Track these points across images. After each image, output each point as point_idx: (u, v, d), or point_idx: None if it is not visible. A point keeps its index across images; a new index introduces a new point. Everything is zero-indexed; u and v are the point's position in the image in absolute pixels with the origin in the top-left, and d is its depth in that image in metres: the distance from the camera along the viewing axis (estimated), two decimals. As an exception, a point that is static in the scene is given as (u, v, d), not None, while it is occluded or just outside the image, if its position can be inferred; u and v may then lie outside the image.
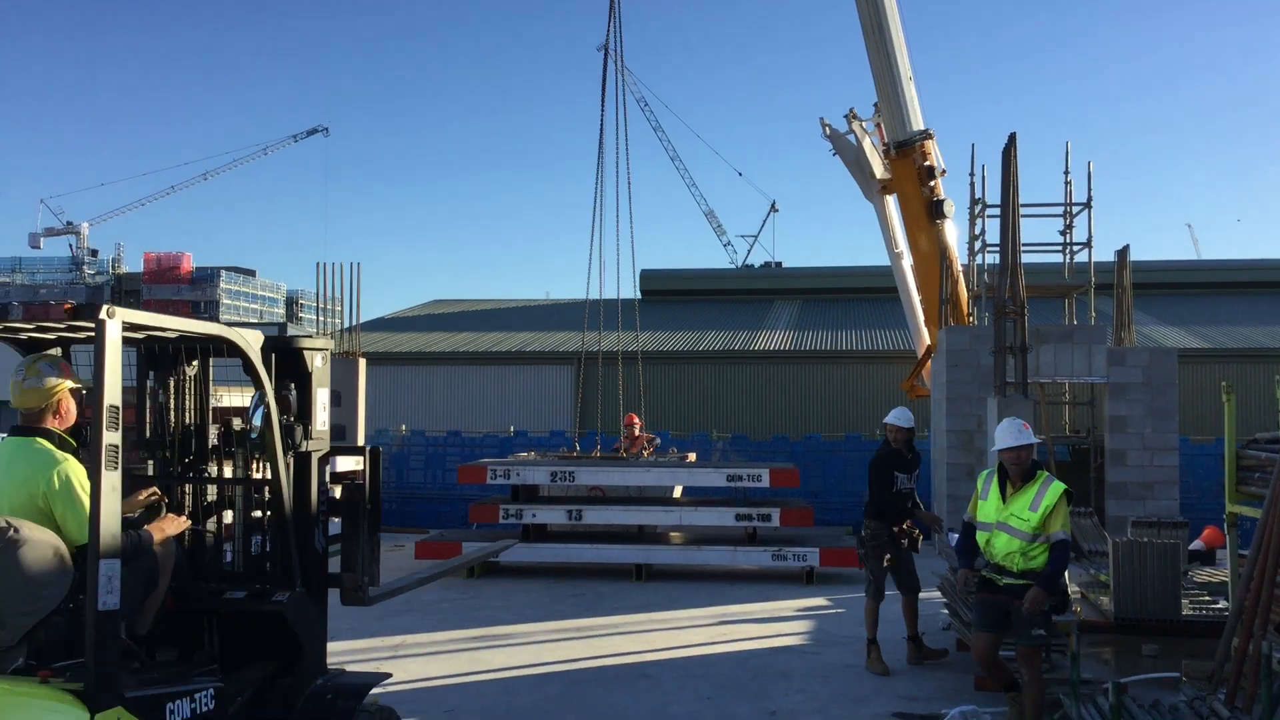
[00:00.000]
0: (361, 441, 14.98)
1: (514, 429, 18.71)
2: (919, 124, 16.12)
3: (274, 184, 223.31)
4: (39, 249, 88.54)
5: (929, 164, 16.11)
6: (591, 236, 14.03)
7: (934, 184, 16.21)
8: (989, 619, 6.18)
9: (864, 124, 17.34)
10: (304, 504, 4.79)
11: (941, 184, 16.33)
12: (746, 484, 12.17)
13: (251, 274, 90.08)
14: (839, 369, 23.46)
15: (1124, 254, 14.54)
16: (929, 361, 16.55)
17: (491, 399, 24.03)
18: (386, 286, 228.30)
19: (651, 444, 14.76)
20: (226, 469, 4.99)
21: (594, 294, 14.21)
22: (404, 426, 18.88)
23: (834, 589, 11.37)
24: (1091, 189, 15.02)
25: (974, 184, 15.41)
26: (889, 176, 16.94)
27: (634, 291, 16.69)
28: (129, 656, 3.98)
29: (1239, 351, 22.17)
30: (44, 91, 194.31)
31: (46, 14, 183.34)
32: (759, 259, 68.43)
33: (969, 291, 15.79)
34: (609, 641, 8.95)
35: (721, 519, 12.32)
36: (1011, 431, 6.21)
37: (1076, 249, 15.33)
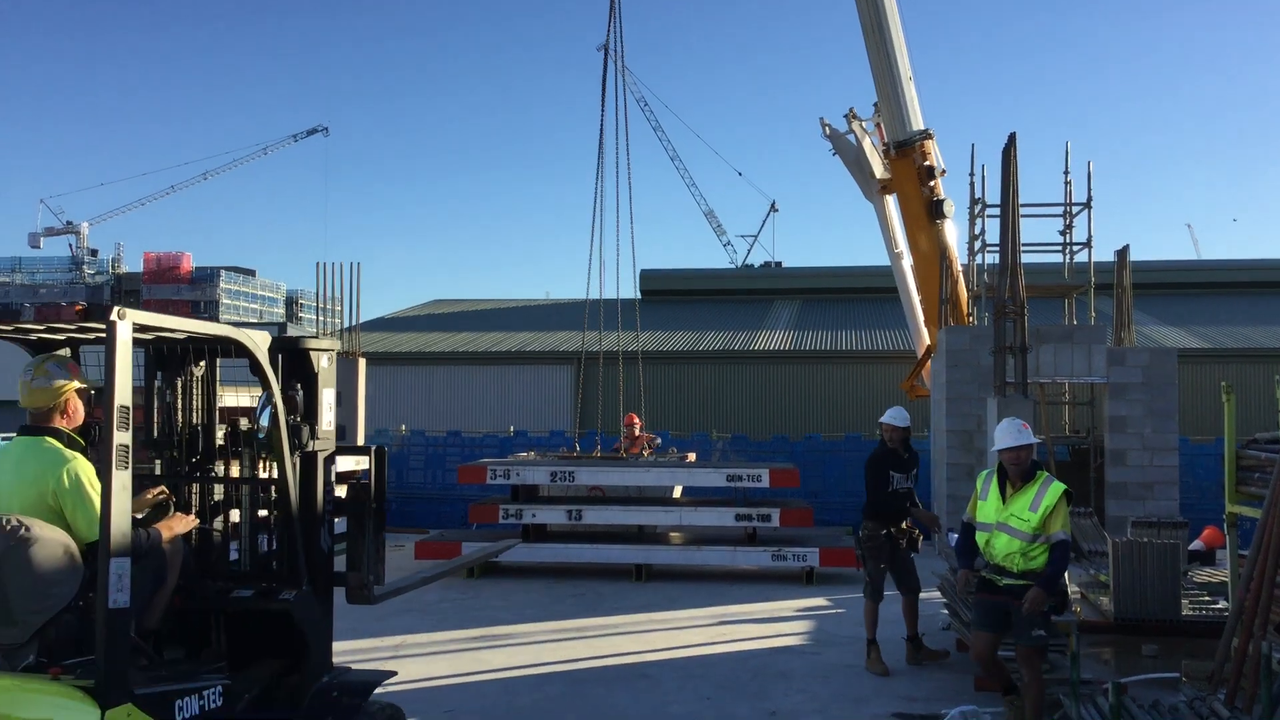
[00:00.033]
0: (361, 441, 14.98)
1: (514, 429, 18.71)
2: (919, 124, 16.12)
3: (274, 184, 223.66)
4: (39, 249, 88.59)
5: (929, 164, 16.11)
6: (591, 237, 14.05)
7: (934, 184, 16.20)
8: (989, 619, 6.18)
9: (864, 124, 17.33)
10: (310, 503, 4.83)
11: (941, 184, 16.32)
12: (746, 484, 12.17)
13: (251, 274, 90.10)
14: (839, 369, 23.45)
15: (1124, 254, 14.54)
16: (929, 361, 16.54)
17: (491, 399, 24.03)
18: (386, 286, 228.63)
19: (652, 444, 14.76)
20: (233, 469, 5.02)
21: (594, 294, 14.23)
22: (404, 426, 18.88)
23: (834, 589, 11.37)
24: (1091, 189, 15.04)
25: (974, 184, 15.42)
26: (889, 176, 16.93)
27: (634, 291, 16.71)
28: (137, 654, 4.01)
29: (1239, 352, 22.18)
30: (44, 91, 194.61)
31: (46, 14, 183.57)
32: (759, 259, 68.49)
33: (969, 291, 15.79)
34: (609, 641, 8.95)
35: (721, 519, 12.32)
36: (1011, 432, 6.21)
37: (1076, 249, 15.33)
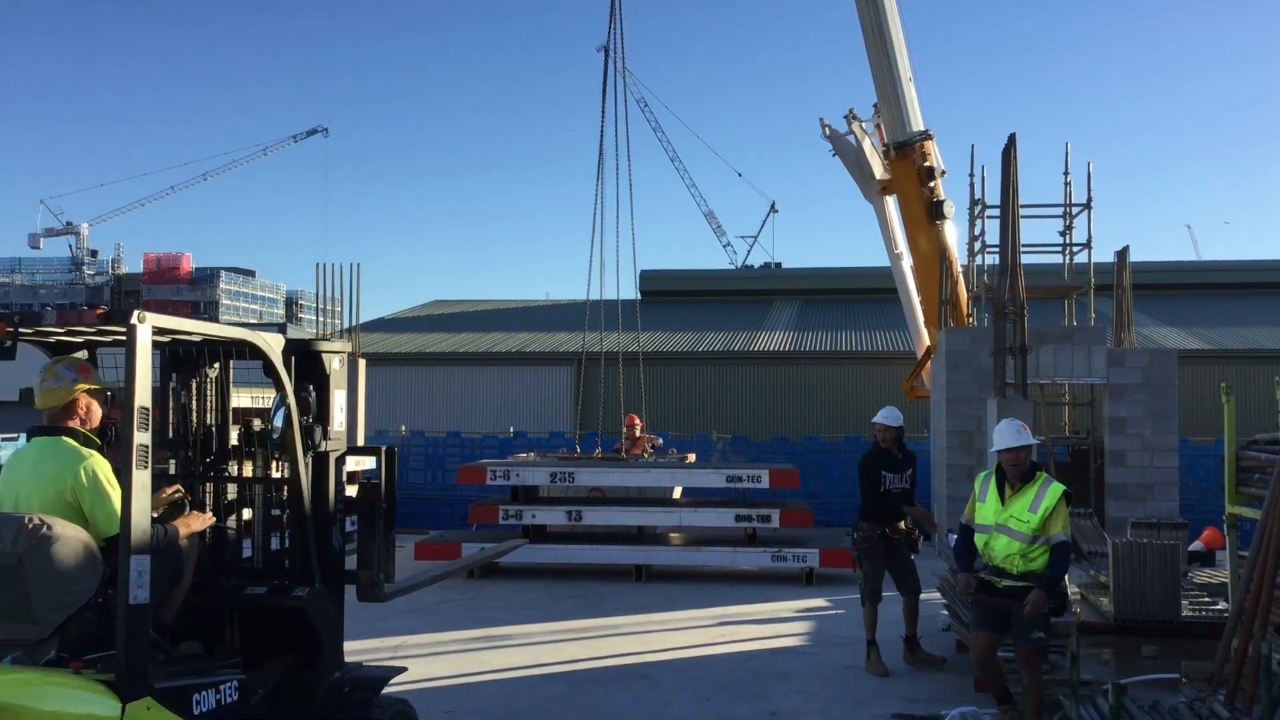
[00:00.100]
0: (361, 442, 14.98)
1: (514, 430, 18.71)
2: (919, 125, 16.12)
3: (274, 184, 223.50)
4: (39, 249, 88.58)
5: (929, 165, 16.11)
6: (592, 237, 14.06)
7: (934, 185, 16.21)
8: (988, 620, 6.16)
9: (864, 125, 17.34)
10: (322, 502, 4.92)
11: (941, 185, 16.33)
12: (746, 485, 12.17)
13: (251, 274, 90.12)
14: (839, 370, 23.46)
15: (1124, 255, 14.55)
16: (929, 362, 16.55)
17: (491, 399, 24.04)
18: (386, 286, 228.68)
19: (653, 445, 14.76)
20: (246, 468, 5.11)
21: (594, 294, 14.23)
22: (404, 427, 18.88)
23: (834, 590, 11.37)
24: (1091, 190, 15.05)
25: (974, 185, 15.42)
26: (889, 177, 16.94)
27: (634, 292, 16.72)
28: (154, 649, 4.07)
29: (1239, 352, 22.19)
30: (44, 91, 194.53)
31: (46, 14, 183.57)
32: (759, 259, 68.54)
33: (969, 292, 15.79)
34: (609, 642, 8.95)
35: (721, 520, 12.32)
36: (1010, 432, 6.20)
37: (1076, 250, 15.33)
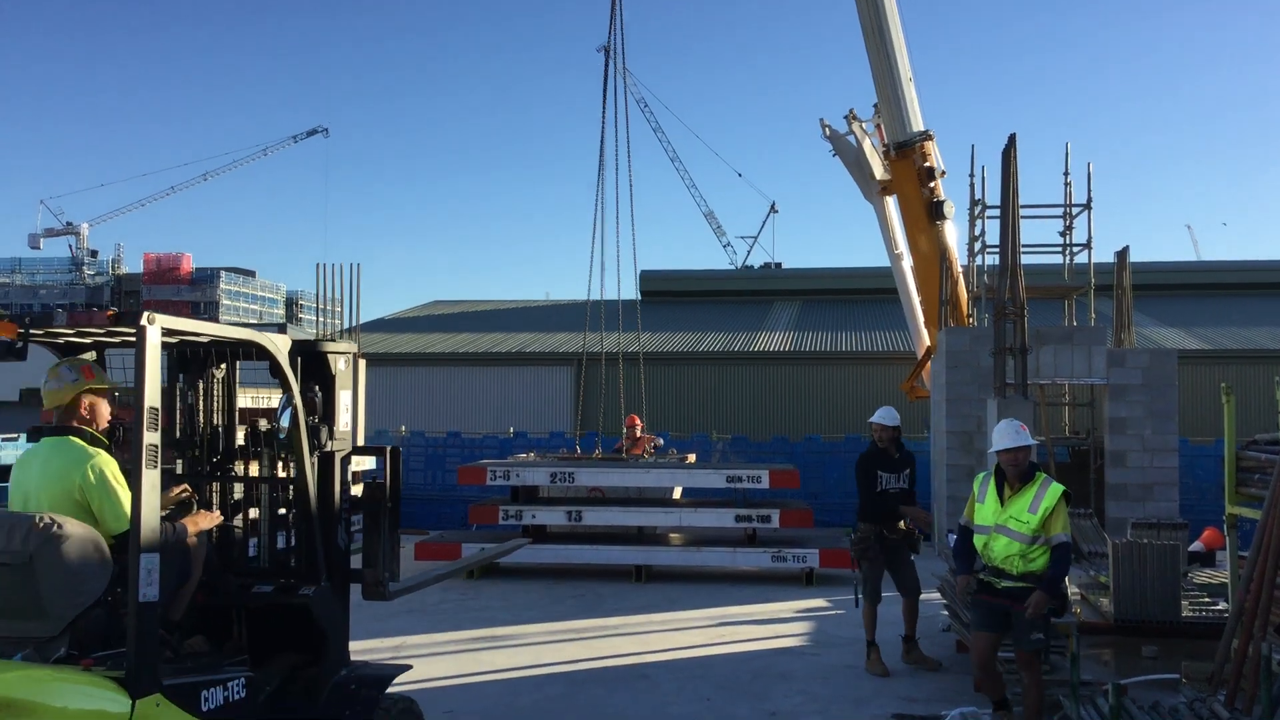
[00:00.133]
0: (361, 442, 14.96)
1: (513, 430, 18.71)
2: (919, 125, 16.12)
3: (274, 184, 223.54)
4: (39, 250, 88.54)
5: (929, 165, 16.11)
6: (593, 238, 14.07)
7: (934, 185, 16.21)
8: (989, 620, 6.14)
9: (864, 125, 17.33)
10: (328, 502, 4.96)
11: (941, 185, 16.33)
12: (746, 485, 12.17)
13: (251, 274, 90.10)
14: (838, 370, 23.46)
15: (1124, 255, 14.54)
16: (929, 363, 16.55)
17: (491, 400, 24.03)
18: (386, 287, 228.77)
19: (654, 446, 14.76)
20: (252, 468, 5.16)
21: (594, 295, 14.23)
22: (403, 427, 18.88)
23: (834, 590, 11.37)
24: (1091, 190, 15.04)
25: (974, 185, 15.40)
26: (889, 177, 16.93)
27: (634, 292, 16.71)
28: (163, 646, 4.11)
29: (1239, 353, 22.19)
30: (44, 91, 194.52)
31: (46, 14, 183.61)
32: (758, 260, 68.50)
33: (969, 293, 15.78)
34: (609, 642, 8.95)
35: (721, 520, 12.32)
36: (1009, 433, 6.18)
37: (1076, 250, 15.32)
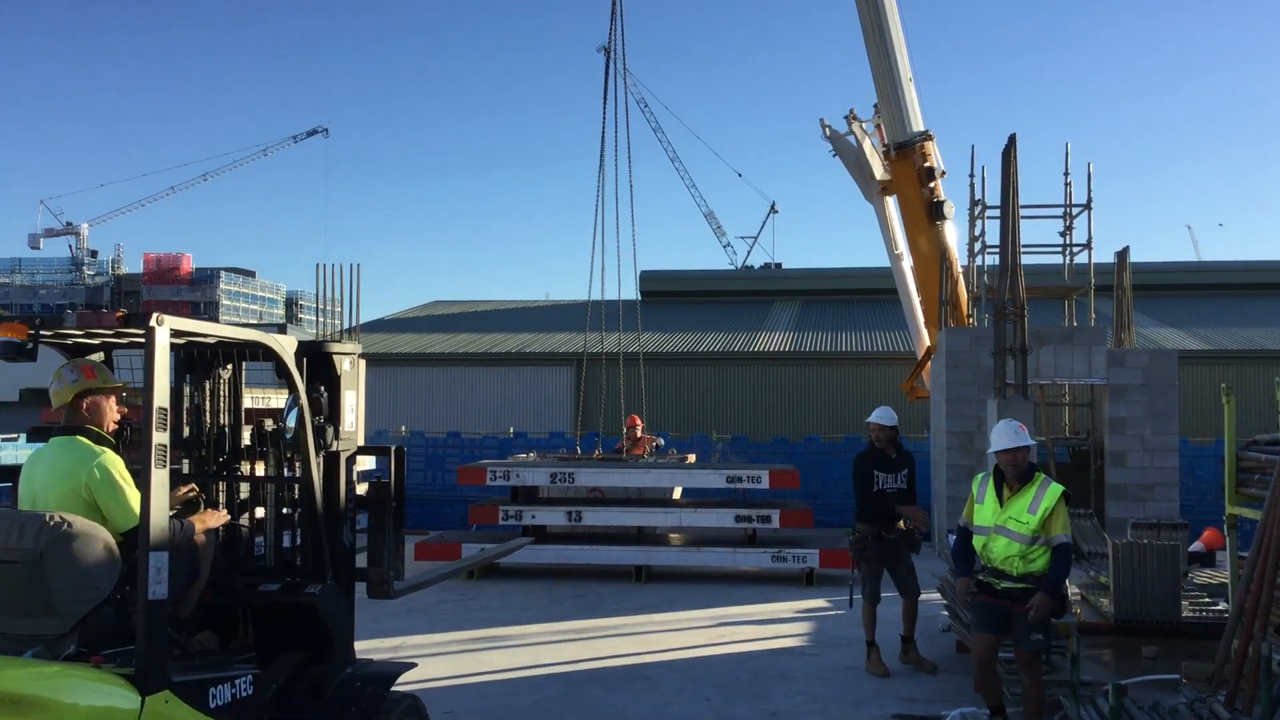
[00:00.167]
0: (361, 443, 14.95)
1: (514, 430, 18.71)
2: (919, 125, 16.12)
3: (274, 184, 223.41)
4: (39, 250, 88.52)
5: (929, 165, 16.11)
6: (594, 238, 14.05)
7: (934, 185, 16.21)
8: (989, 621, 6.11)
9: (864, 125, 17.33)
10: (334, 501, 5.01)
11: (941, 185, 16.33)
12: (746, 485, 12.16)
13: (251, 275, 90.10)
14: (838, 370, 23.46)
15: (1124, 255, 14.54)
16: (929, 363, 16.55)
17: (491, 400, 24.04)
18: (386, 287, 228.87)
19: (654, 446, 14.75)
20: (258, 468, 5.21)
21: (595, 295, 14.23)
22: (403, 428, 18.89)
23: (834, 590, 11.35)
24: (1091, 190, 15.05)
25: (974, 185, 15.41)
26: (889, 178, 16.94)
27: (634, 293, 16.71)
28: (171, 643, 4.15)
29: (1239, 353, 22.19)
30: (44, 91, 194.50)
31: (46, 14, 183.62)
32: (758, 260, 68.50)
33: (969, 293, 15.78)
34: (609, 643, 8.94)
35: (721, 520, 12.31)
36: (1008, 433, 6.16)
37: (1076, 250, 15.33)
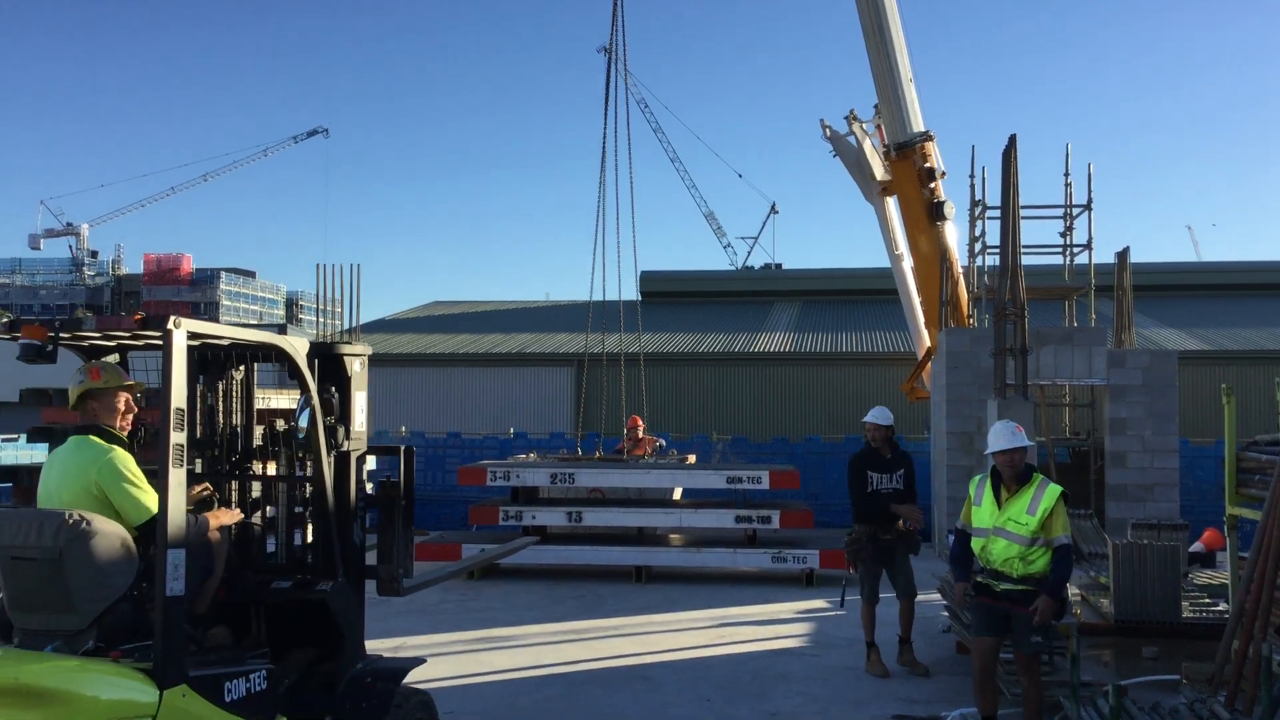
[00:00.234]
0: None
1: (514, 431, 18.70)
2: (919, 125, 16.13)
3: (274, 185, 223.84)
4: (39, 250, 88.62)
5: (929, 166, 16.11)
6: (595, 238, 14.04)
7: (934, 186, 16.21)
8: (989, 624, 6.08)
9: (864, 125, 17.33)
10: (344, 500, 5.10)
11: (942, 186, 16.33)
12: (746, 486, 12.16)
13: (251, 275, 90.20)
14: (839, 371, 23.47)
15: (1124, 256, 14.54)
16: (929, 363, 16.55)
17: (491, 400, 24.04)
18: (386, 287, 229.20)
19: (655, 446, 14.74)
20: (270, 467, 5.29)
21: (596, 295, 14.21)
22: (404, 428, 18.88)
23: (834, 591, 11.31)
24: (1091, 191, 15.06)
25: (974, 185, 15.41)
26: (889, 178, 16.94)
27: (634, 293, 16.70)
28: (188, 639, 4.21)
29: (1239, 354, 22.19)
30: (44, 91, 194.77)
31: (46, 14, 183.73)
32: (759, 261, 68.60)
33: (969, 293, 15.78)
34: (609, 643, 8.94)
35: (721, 521, 12.31)
36: (1005, 434, 6.14)
37: (1076, 251, 15.33)
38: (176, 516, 3.97)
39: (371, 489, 5.49)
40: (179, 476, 3.99)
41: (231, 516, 4.80)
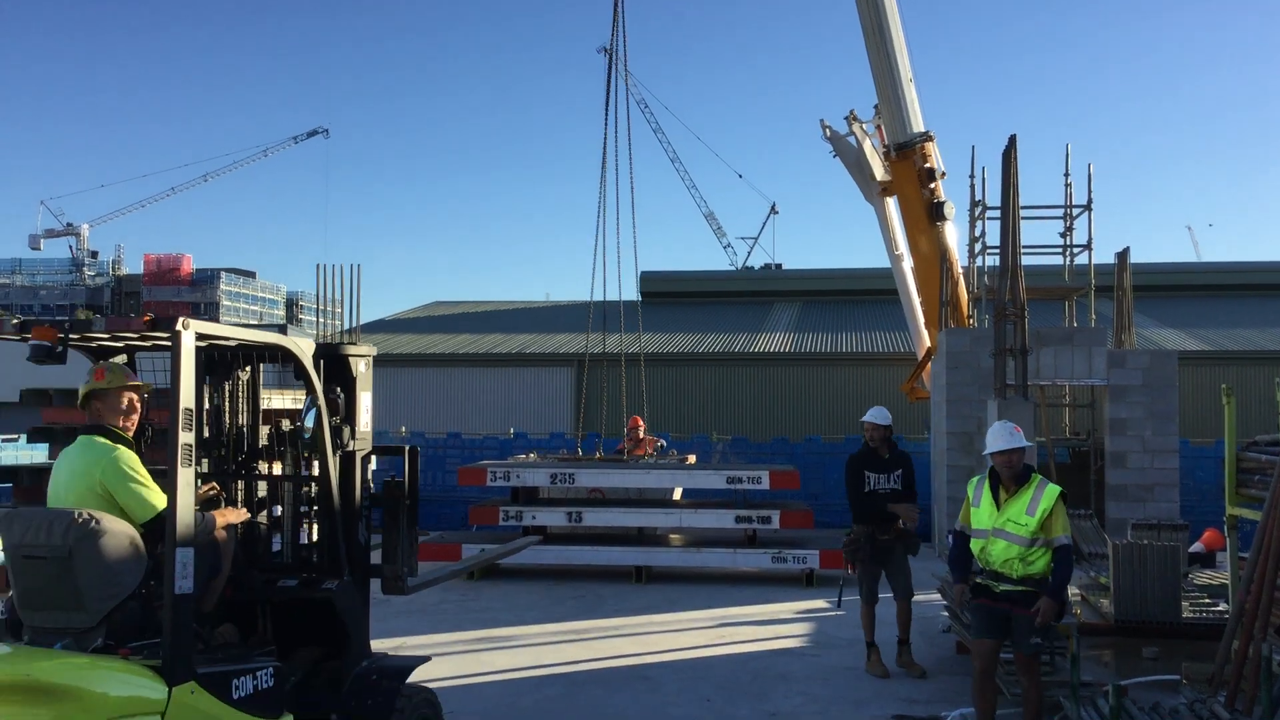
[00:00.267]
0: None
1: (514, 431, 18.71)
2: (919, 126, 16.13)
3: (274, 185, 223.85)
4: (39, 250, 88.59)
5: (929, 166, 16.12)
6: (596, 239, 14.04)
7: (934, 186, 16.22)
8: (989, 626, 6.05)
9: (864, 126, 17.34)
10: (350, 499, 5.13)
11: (942, 186, 16.34)
12: (746, 486, 12.16)
13: (251, 275, 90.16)
14: (839, 371, 23.47)
15: (1124, 256, 14.55)
16: (929, 363, 16.55)
17: (491, 401, 24.04)
18: (386, 287, 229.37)
19: (656, 447, 14.73)
20: (275, 467, 5.32)
21: (596, 296, 14.22)
22: (403, 428, 18.89)
23: (834, 591, 11.33)
24: (1091, 191, 15.09)
25: (974, 186, 15.43)
26: (889, 178, 16.95)
27: (635, 294, 16.71)
28: (195, 637, 4.24)
29: (1239, 354, 22.19)
30: (44, 91, 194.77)
31: (46, 14, 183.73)
32: (759, 261, 68.58)
33: (969, 293, 15.79)
34: (609, 643, 8.95)
35: (721, 521, 12.31)
36: (1003, 435, 6.12)
37: (1076, 251, 15.34)
38: (185, 515, 4.02)
39: (373, 488, 5.52)
40: (188, 476, 4.04)
41: (238, 515, 4.84)
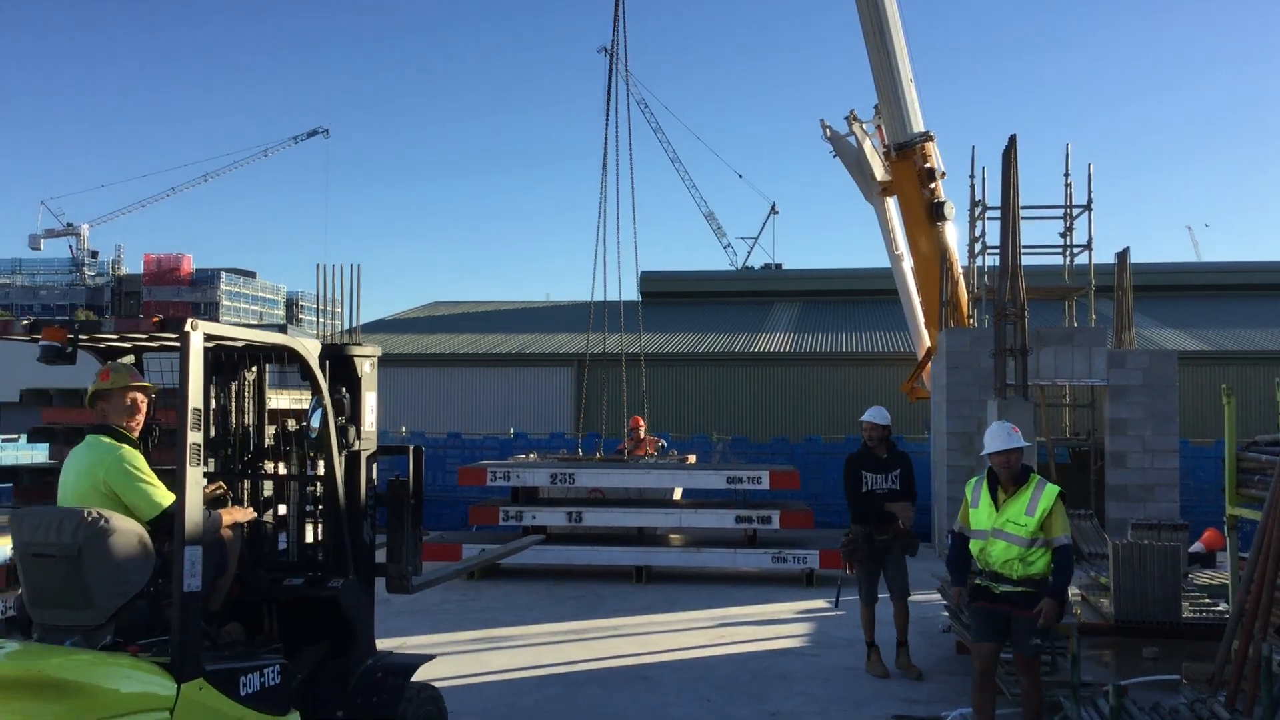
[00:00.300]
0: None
1: (514, 431, 18.71)
2: (919, 126, 16.13)
3: (274, 185, 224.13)
4: (39, 250, 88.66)
5: (929, 166, 16.12)
6: (597, 239, 14.05)
7: (934, 186, 16.22)
8: (989, 628, 6.04)
9: (865, 126, 17.34)
10: (355, 499, 5.16)
11: (942, 186, 16.34)
12: (746, 486, 12.16)
13: (251, 275, 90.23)
14: (839, 371, 23.47)
15: (1124, 256, 14.55)
16: (929, 363, 16.56)
17: (492, 401, 24.04)
18: (387, 287, 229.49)
19: (657, 447, 14.73)
20: (281, 466, 5.36)
21: (596, 296, 14.22)
22: (404, 428, 18.88)
23: (833, 591, 11.35)
24: (1091, 191, 15.10)
25: (974, 186, 15.44)
26: (889, 178, 16.94)
27: (635, 294, 16.71)
28: (203, 634, 4.28)
29: (1239, 354, 22.19)
30: (44, 91, 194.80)
31: (46, 14, 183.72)
32: (759, 261, 68.67)
33: (969, 293, 15.80)
34: (609, 643, 8.95)
35: (721, 521, 12.31)
36: (1001, 435, 6.11)
37: (1076, 251, 15.35)
38: (194, 514, 4.05)
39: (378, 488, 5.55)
40: (196, 475, 4.06)
41: (245, 515, 4.88)
